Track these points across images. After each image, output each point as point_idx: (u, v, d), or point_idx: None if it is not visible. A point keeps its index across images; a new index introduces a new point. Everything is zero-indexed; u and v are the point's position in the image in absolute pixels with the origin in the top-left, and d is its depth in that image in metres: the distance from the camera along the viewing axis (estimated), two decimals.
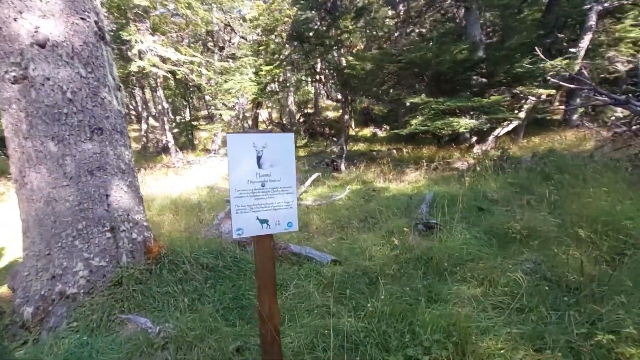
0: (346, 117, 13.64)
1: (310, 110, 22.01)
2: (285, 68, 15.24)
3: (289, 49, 14.60)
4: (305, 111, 21.60)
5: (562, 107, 12.35)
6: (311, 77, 17.36)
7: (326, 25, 12.66)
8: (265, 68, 13.34)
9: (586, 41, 9.92)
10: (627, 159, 5.21)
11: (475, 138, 10.32)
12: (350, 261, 3.45)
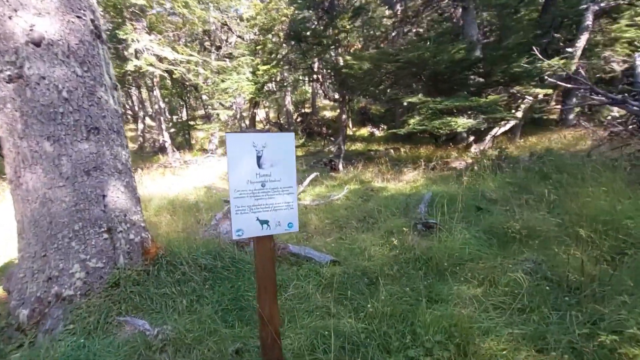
0: (344, 117, 13.62)
1: (307, 109, 21.97)
2: (282, 67, 15.24)
3: (286, 49, 14.58)
4: (302, 111, 21.54)
5: (559, 107, 12.42)
6: (308, 77, 17.31)
7: (323, 24, 12.63)
8: (262, 67, 13.32)
9: (583, 41, 9.98)
10: (625, 158, 5.22)
11: (472, 138, 10.33)
12: (349, 261, 3.43)
